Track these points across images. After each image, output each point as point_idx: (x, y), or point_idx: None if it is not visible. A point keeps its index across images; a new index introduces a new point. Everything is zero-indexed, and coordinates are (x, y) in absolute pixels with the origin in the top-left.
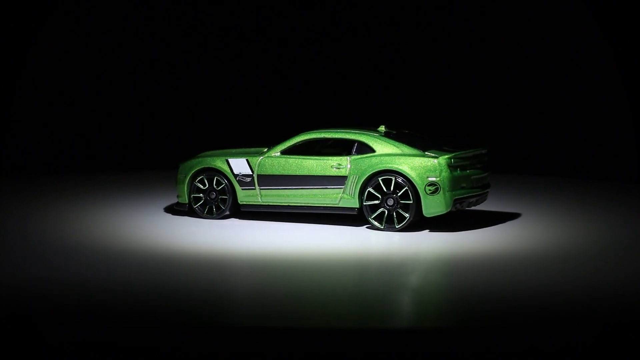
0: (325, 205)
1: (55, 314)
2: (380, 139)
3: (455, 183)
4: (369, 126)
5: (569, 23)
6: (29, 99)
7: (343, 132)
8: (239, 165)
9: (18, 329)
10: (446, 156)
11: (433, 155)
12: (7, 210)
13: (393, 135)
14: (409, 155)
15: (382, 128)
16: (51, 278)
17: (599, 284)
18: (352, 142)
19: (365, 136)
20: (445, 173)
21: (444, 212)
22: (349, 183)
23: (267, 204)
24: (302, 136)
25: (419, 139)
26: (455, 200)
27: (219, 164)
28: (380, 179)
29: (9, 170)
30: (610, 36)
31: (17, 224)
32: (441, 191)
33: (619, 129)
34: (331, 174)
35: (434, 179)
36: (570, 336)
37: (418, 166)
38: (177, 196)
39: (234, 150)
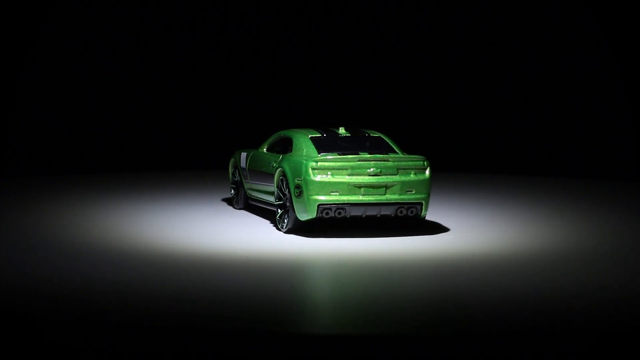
0: (269, 202)
1: (56, 315)
2: (303, 139)
3: (319, 188)
4: (332, 126)
5: (569, 22)
6: (29, 99)
7: (291, 131)
8: (243, 159)
9: (19, 329)
10: (312, 159)
11: (305, 157)
12: (8, 211)
13: (330, 136)
14: (298, 156)
15: (341, 130)
16: (52, 278)
17: (596, 287)
18: (291, 141)
19: (297, 135)
20: (307, 176)
21: (311, 218)
22: (274, 181)
23: (255, 197)
24: (274, 135)
25: (358, 143)
26: (321, 206)
27: (237, 157)
28: (280, 178)
29: (10, 171)
30: (610, 35)
31: (18, 224)
32: (304, 194)
33: (619, 129)
34: (270, 171)
35: (299, 181)
36: (566, 343)
37: (293, 167)
38: None
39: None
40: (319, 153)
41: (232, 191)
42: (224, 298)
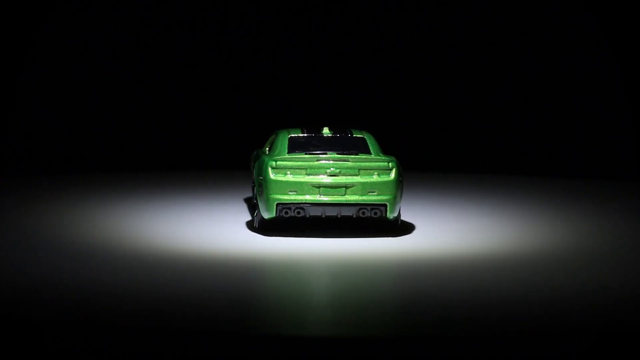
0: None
1: (55, 316)
2: (281, 139)
3: (278, 187)
4: (318, 126)
5: (569, 22)
6: (29, 99)
7: (280, 131)
8: (253, 158)
9: (18, 330)
10: (273, 158)
11: (272, 156)
12: (8, 211)
13: (311, 136)
14: (268, 155)
15: (325, 130)
16: (51, 279)
17: (596, 287)
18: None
19: (279, 134)
20: (267, 175)
21: (271, 217)
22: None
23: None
24: (273, 134)
25: (337, 143)
26: (280, 205)
27: (252, 156)
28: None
29: (10, 171)
30: (610, 35)
31: (18, 224)
32: (264, 193)
33: (619, 129)
34: None
35: (261, 179)
36: (566, 344)
37: (259, 166)
38: None
39: None
40: (289, 152)
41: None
42: (223, 300)
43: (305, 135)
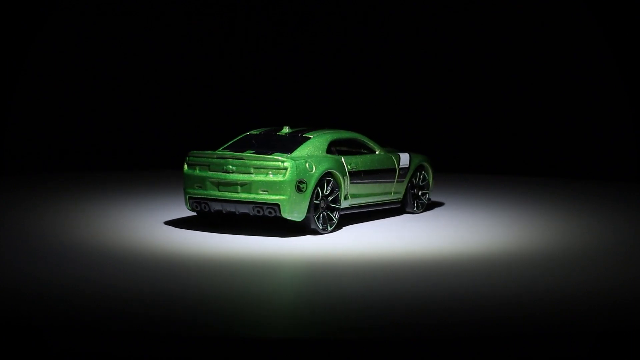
0: None
1: (57, 321)
2: (238, 138)
3: (189, 181)
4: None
5: (569, 22)
6: (29, 98)
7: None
8: None
9: (16, 333)
10: (190, 152)
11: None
12: (8, 210)
13: (265, 135)
14: None
15: (284, 129)
16: (53, 282)
17: (597, 288)
18: None
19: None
20: (184, 169)
21: (190, 209)
22: None
23: None
24: None
25: (279, 143)
26: (191, 199)
27: None
28: None
29: (10, 169)
30: (610, 35)
31: (18, 225)
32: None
33: (619, 129)
34: None
35: None
36: (562, 348)
37: None
38: None
39: None
40: (227, 149)
41: None
42: (223, 303)
43: (260, 134)
